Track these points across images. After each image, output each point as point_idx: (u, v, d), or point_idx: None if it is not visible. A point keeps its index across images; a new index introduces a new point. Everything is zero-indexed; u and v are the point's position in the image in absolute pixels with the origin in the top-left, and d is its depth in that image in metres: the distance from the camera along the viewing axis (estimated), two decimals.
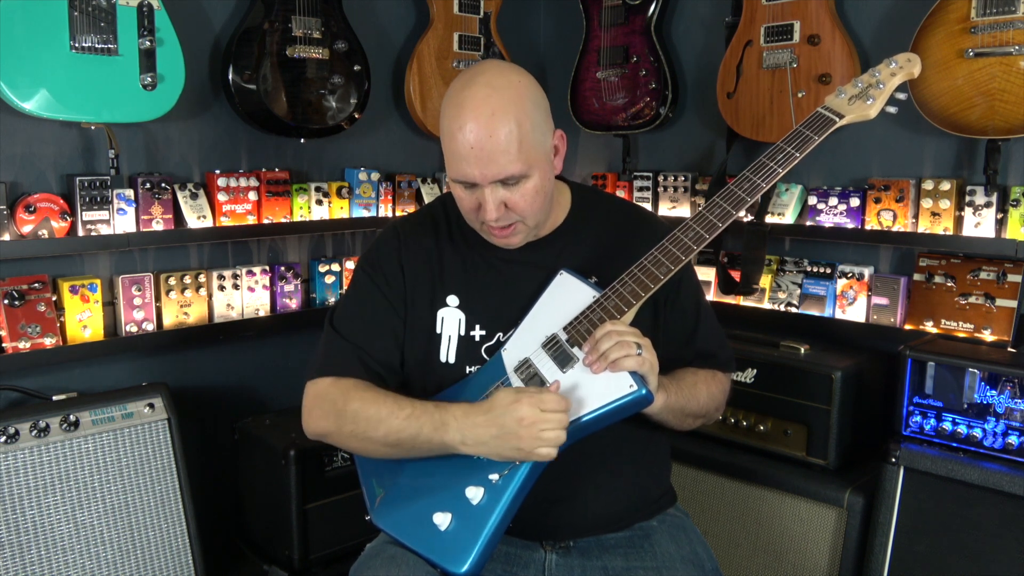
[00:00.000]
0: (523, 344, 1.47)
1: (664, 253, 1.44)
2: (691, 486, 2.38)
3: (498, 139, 1.38)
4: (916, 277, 2.42)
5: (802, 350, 2.36)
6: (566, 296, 1.48)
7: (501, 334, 1.53)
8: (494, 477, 1.36)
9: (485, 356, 1.53)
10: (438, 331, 1.55)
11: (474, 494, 1.35)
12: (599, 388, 1.37)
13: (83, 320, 2.29)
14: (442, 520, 1.36)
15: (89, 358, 2.37)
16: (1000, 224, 2.28)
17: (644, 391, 1.35)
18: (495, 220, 1.44)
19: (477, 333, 1.54)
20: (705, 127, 2.95)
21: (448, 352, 1.54)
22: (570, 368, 1.41)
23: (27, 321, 2.18)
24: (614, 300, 1.43)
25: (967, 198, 2.32)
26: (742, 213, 1.48)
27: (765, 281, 2.71)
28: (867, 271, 2.54)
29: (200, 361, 2.63)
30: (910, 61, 1.56)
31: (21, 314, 2.18)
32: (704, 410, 1.56)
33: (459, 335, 1.54)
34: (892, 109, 1.56)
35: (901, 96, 1.56)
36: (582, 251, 1.58)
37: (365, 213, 2.82)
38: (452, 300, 1.56)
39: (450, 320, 1.55)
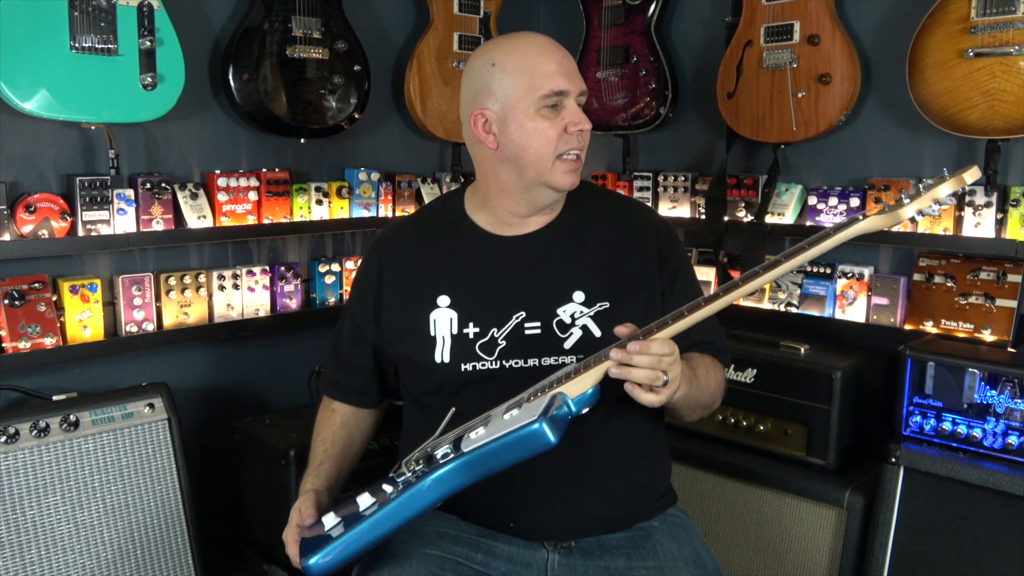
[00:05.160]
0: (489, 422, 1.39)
1: (645, 332, 1.36)
2: (691, 486, 2.38)
3: (571, 55, 1.56)
4: (916, 277, 2.42)
5: (802, 350, 2.36)
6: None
7: (495, 330, 1.53)
8: (388, 488, 1.35)
9: (480, 353, 1.53)
10: (431, 333, 1.55)
11: (364, 500, 1.35)
12: (508, 424, 1.28)
13: (83, 320, 2.29)
14: (330, 520, 1.38)
15: (89, 358, 2.37)
16: (1000, 224, 2.28)
17: (542, 426, 1.21)
18: (588, 127, 1.52)
19: (471, 331, 1.54)
20: (705, 127, 2.95)
21: (443, 352, 1.54)
22: (509, 413, 1.33)
23: (27, 321, 2.18)
24: (579, 367, 1.37)
25: (967, 198, 2.32)
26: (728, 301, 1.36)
27: None
28: (867, 271, 2.54)
29: (200, 361, 2.63)
30: (968, 170, 1.33)
31: (21, 314, 2.18)
32: (712, 399, 1.56)
33: (452, 334, 1.54)
34: (934, 210, 1.35)
35: (949, 201, 1.34)
36: (573, 253, 1.58)
37: (365, 213, 2.82)
38: (443, 300, 1.56)
39: (442, 321, 1.56)
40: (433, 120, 2.88)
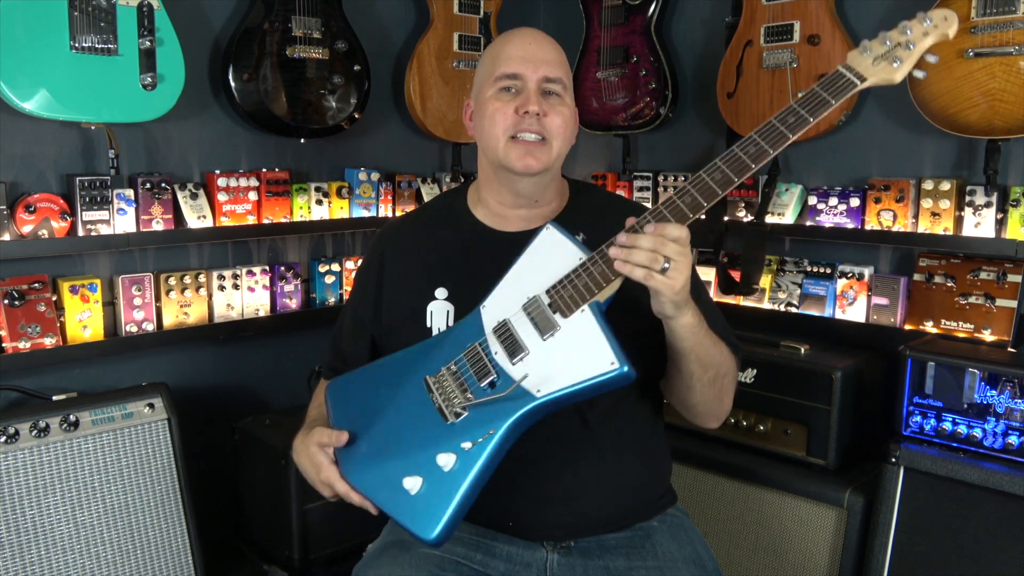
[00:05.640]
0: (503, 304, 1.40)
1: (656, 216, 1.35)
2: (691, 486, 2.38)
3: (547, 45, 1.54)
4: (916, 277, 2.42)
5: (802, 350, 2.36)
6: (552, 254, 1.40)
7: None
8: (466, 445, 1.31)
9: None
10: (428, 325, 1.56)
11: (445, 460, 1.32)
12: (577, 361, 1.29)
13: (83, 320, 2.29)
14: (412, 484, 1.32)
15: (89, 358, 2.37)
16: (1000, 224, 2.28)
17: (625, 369, 1.26)
18: (535, 110, 1.48)
19: None
20: (705, 127, 2.95)
21: None
22: (550, 336, 1.34)
23: (27, 321, 2.18)
24: (600, 266, 1.34)
25: (967, 198, 2.32)
26: (742, 179, 1.35)
27: (765, 281, 2.71)
28: (867, 271, 2.54)
29: (200, 361, 2.63)
30: (946, 19, 1.35)
31: (21, 314, 2.18)
32: (722, 368, 1.51)
33: (448, 326, 1.54)
34: (920, 73, 1.38)
35: (932, 59, 1.37)
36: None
37: (365, 213, 2.82)
38: (441, 293, 1.56)
39: (439, 313, 1.56)
40: (433, 120, 2.88)
